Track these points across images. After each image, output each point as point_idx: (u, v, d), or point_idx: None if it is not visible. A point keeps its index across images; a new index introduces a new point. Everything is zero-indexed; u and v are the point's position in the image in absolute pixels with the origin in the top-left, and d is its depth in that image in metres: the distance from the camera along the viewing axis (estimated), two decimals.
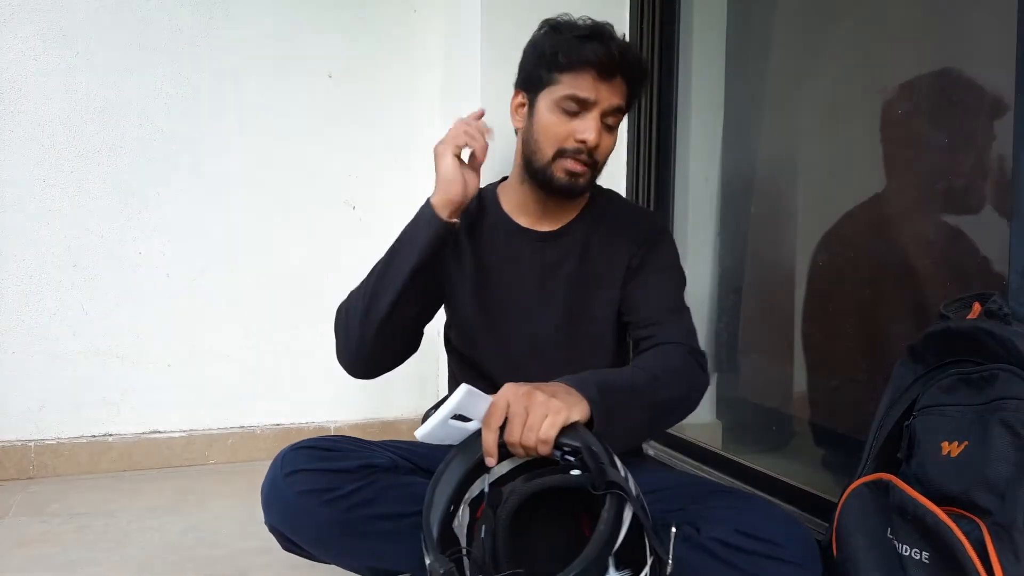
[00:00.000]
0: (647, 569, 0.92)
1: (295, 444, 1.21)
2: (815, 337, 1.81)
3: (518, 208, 1.40)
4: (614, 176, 2.22)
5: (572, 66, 1.25)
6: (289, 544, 1.19)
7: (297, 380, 2.37)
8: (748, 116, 2.10)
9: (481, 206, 1.41)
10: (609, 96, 1.26)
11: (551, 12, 2.26)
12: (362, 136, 2.40)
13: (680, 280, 1.42)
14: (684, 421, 2.16)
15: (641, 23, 2.20)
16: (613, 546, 0.90)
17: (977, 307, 1.14)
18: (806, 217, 1.91)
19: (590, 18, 1.31)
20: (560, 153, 1.28)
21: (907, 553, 1.04)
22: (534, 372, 1.16)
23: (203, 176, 2.28)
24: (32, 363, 2.17)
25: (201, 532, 1.81)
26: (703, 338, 2.16)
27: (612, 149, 1.33)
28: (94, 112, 2.18)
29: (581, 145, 1.26)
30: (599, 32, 1.27)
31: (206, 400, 2.31)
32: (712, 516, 1.13)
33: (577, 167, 1.28)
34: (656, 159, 2.19)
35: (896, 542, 1.06)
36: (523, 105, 1.33)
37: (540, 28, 1.33)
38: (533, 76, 1.30)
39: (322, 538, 1.15)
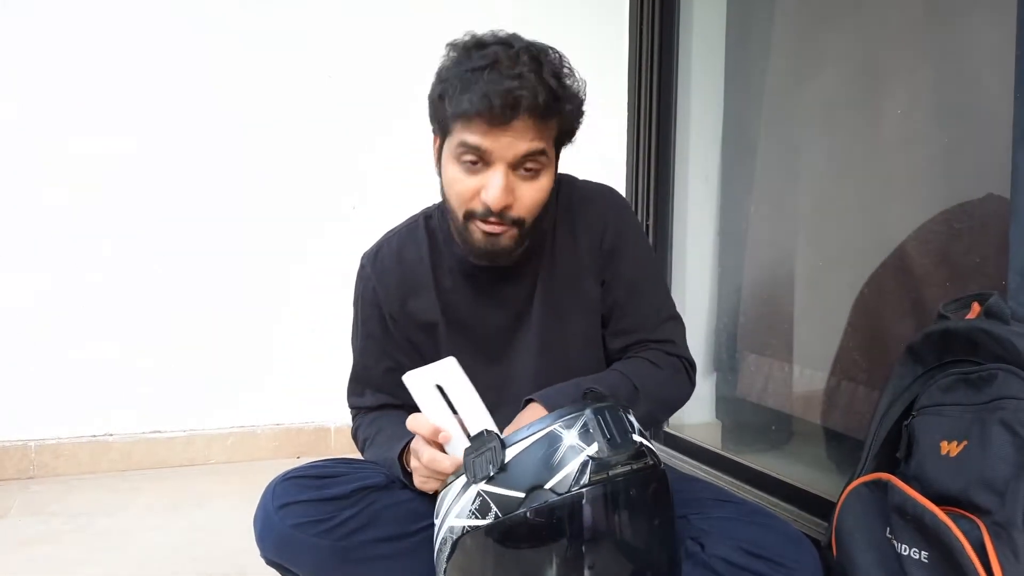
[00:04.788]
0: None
1: (285, 474, 1.17)
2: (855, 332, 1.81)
3: None
4: (614, 176, 2.23)
5: (459, 114, 1.05)
6: (290, 574, 1.19)
7: (298, 380, 2.37)
8: (748, 116, 2.10)
9: (433, 244, 1.25)
10: (512, 144, 1.05)
11: (550, 13, 2.27)
12: (362, 136, 2.40)
13: (657, 272, 1.32)
14: (684, 421, 2.18)
15: (641, 23, 2.20)
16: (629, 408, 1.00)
17: (976, 307, 1.14)
18: (805, 217, 1.91)
19: (507, 37, 1.10)
20: (470, 215, 1.10)
21: (906, 553, 1.04)
22: (510, 416, 1.11)
23: (203, 178, 2.28)
24: (32, 363, 2.18)
25: (201, 532, 1.81)
26: (703, 338, 2.16)
27: (541, 198, 1.11)
28: (93, 113, 2.18)
29: (487, 207, 1.07)
30: (496, 62, 1.05)
31: (206, 400, 2.31)
32: (716, 530, 1.10)
33: (495, 228, 1.09)
34: (656, 159, 2.19)
35: (895, 542, 1.06)
36: (437, 149, 1.15)
37: (446, 51, 1.13)
38: (434, 116, 1.12)
39: (322, 568, 1.13)
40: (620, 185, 2.22)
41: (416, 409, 1.07)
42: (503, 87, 1.02)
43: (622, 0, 2.25)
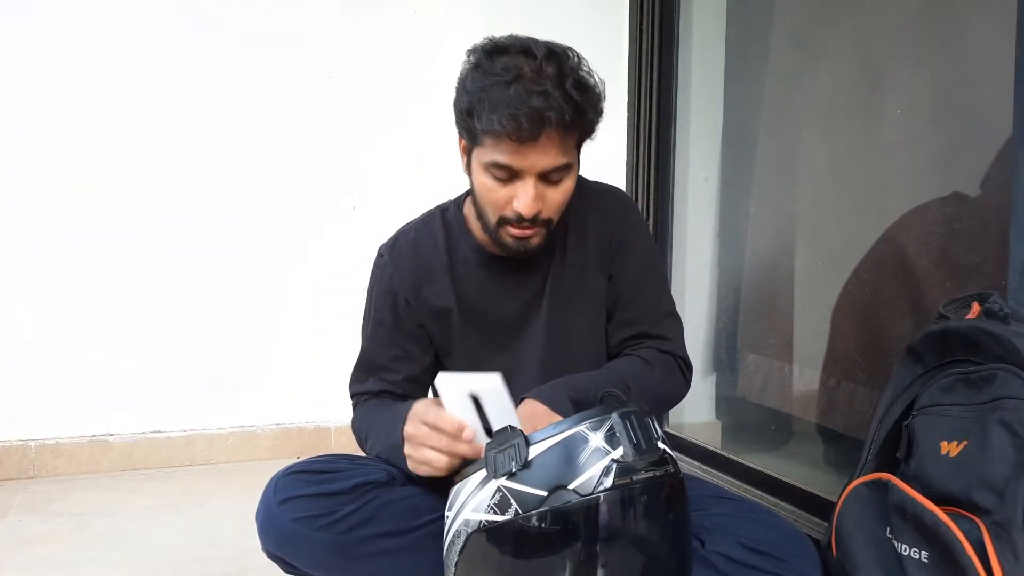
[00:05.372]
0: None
1: (287, 468, 1.18)
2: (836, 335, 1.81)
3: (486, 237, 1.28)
4: (614, 176, 2.23)
5: (488, 131, 1.09)
6: (291, 568, 1.18)
7: (298, 380, 2.38)
8: (748, 116, 2.10)
9: (449, 235, 1.31)
10: (540, 158, 1.10)
11: (550, 14, 2.27)
12: (362, 136, 2.40)
13: (660, 269, 1.37)
14: (684, 421, 2.18)
15: (641, 23, 2.20)
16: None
17: (976, 307, 1.14)
18: (805, 217, 1.91)
19: (527, 43, 1.12)
20: (503, 220, 1.16)
21: (906, 553, 1.04)
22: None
23: (203, 178, 2.28)
24: (32, 363, 2.18)
25: (201, 532, 1.81)
26: (703, 338, 2.16)
27: (567, 199, 1.19)
28: (93, 113, 2.18)
29: (519, 214, 1.14)
30: (520, 76, 1.08)
31: (206, 400, 2.31)
32: (716, 527, 1.12)
33: (525, 232, 1.16)
34: (656, 159, 2.19)
35: (895, 541, 1.06)
36: (465, 152, 1.21)
37: (467, 57, 1.16)
38: (461, 125, 1.17)
39: (323, 563, 1.14)
40: (620, 185, 2.22)
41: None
42: (530, 106, 1.06)
43: (622, 0, 2.25)
